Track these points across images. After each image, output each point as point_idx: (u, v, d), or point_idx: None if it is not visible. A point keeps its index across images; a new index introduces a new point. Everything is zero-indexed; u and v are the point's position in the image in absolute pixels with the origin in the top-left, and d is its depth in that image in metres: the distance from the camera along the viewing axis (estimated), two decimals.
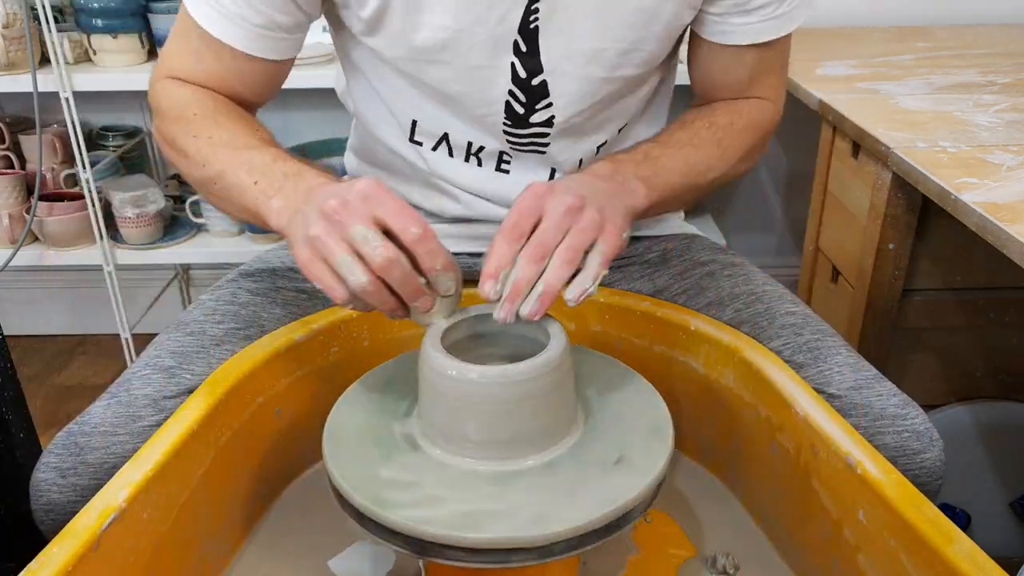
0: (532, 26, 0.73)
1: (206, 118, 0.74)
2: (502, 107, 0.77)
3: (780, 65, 0.85)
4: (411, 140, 0.83)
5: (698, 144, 0.78)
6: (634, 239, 0.91)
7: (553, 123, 0.79)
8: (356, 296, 0.58)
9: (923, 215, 1.10)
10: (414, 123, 0.82)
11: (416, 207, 0.88)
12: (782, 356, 0.73)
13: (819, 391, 0.71)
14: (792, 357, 0.74)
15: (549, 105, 0.77)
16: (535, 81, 0.76)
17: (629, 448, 0.60)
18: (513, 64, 0.75)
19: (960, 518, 1.28)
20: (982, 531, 1.30)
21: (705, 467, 0.79)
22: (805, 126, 1.63)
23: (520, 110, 0.78)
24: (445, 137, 0.82)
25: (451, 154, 0.83)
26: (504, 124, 0.79)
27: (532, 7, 0.72)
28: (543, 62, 0.75)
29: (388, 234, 0.56)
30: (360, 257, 0.56)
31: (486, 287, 0.58)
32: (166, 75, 0.80)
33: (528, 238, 0.59)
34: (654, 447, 0.60)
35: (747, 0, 0.76)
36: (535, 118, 0.78)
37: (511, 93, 0.76)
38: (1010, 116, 1.12)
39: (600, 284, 0.61)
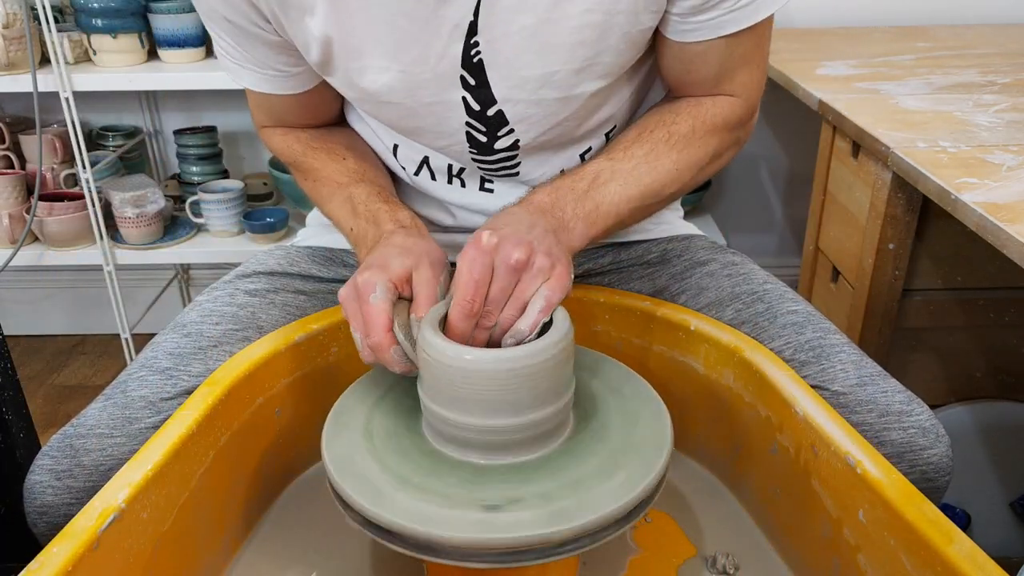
0: (476, 60, 0.71)
1: (301, 166, 0.85)
2: (463, 137, 0.77)
3: (753, 58, 0.77)
4: (396, 161, 0.85)
5: (655, 160, 0.74)
6: (634, 242, 0.91)
7: (519, 146, 0.78)
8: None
9: (923, 215, 1.10)
10: (395, 147, 0.84)
11: (416, 213, 0.89)
12: (784, 355, 0.73)
13: (823, 389, 0.71)
14: (794, 356, 0.74)
15: (511, 131, 0.76)
16: (491, 112, 0.75)
17: (629, 448, 0.60)
18: (464, 98, 0.74)
19: (960, 518, 1.28)
20: (982, 531, 1.30)
21: (705, 467, 0.79)
22: (805, 126, 1.64)
23: (483, 139, 0.77)
24: (425, 161, 0.83)
25: (433, 177, 0.84)
26: (470, 152, 0.79)
27: (471, 41, 0.70)
28: (494, 93, 0.73)
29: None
30: None
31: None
32: (258, 127, 0.89)
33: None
34: (653, 447, 0.60)
35: (705, 0, 0.70)
36: (499, 144, 0.78)
37: (469, 124, 0.76)
38: (1010, 116, 1.12)
39: (601, 283, 0.61)
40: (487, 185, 0.84)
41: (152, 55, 1.69)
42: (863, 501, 0.57)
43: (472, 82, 0.73)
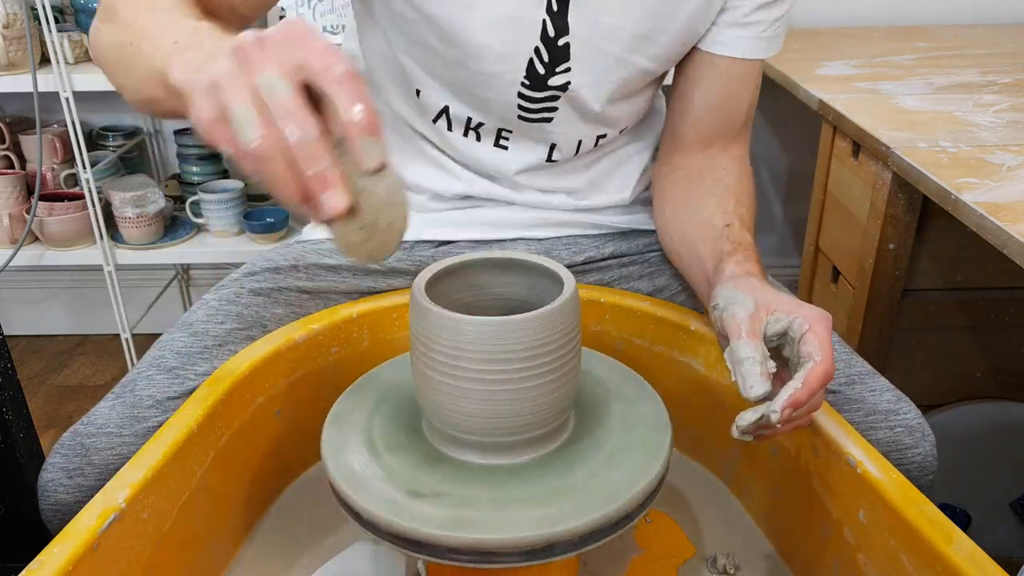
0: None
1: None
2: (524, 64, 0.77)
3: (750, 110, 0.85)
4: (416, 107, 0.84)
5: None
6: (636, 231, 0.91)
7: (568, 88, 0.79)
8: (253, 162, 0.44)
9: (923, 215, 1.10)
10: (417, 92, 0.82)
11: (417, 185, 0.88)
12: None
13: None
14: None
15: (567, 70, 0.77)
16: (561, 42, 0.76)
17: (628, 448, 0.60)
18: (544, 21, 0.75)
19: (960, 518, 1.28)
20: (982, 531, 1.30)
21: (705, 467, 0.79)
22: (805, 126, 1.64)
23: (541, 70, 0.77)
24: (445, 110, 0.82)
25: (450, 128, 0.83)
26: (522, 84, 0.78)
27: None
28: (569, 23, 0.75)
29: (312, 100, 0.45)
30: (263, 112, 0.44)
31: (781, 415, 0.55)
32: None
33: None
34: (654, 447, 0.60)
35: (745, 14, 0.78)
36: (553, 81, 0.78)
37: (536, 51, 0.76)
38: (1010, 116, 1.12)
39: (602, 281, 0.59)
40: (502, 142, 0.84)
41: None
42: (863, 501, 0.57)
43: (555, 7, 0.74)
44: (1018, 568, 0.67)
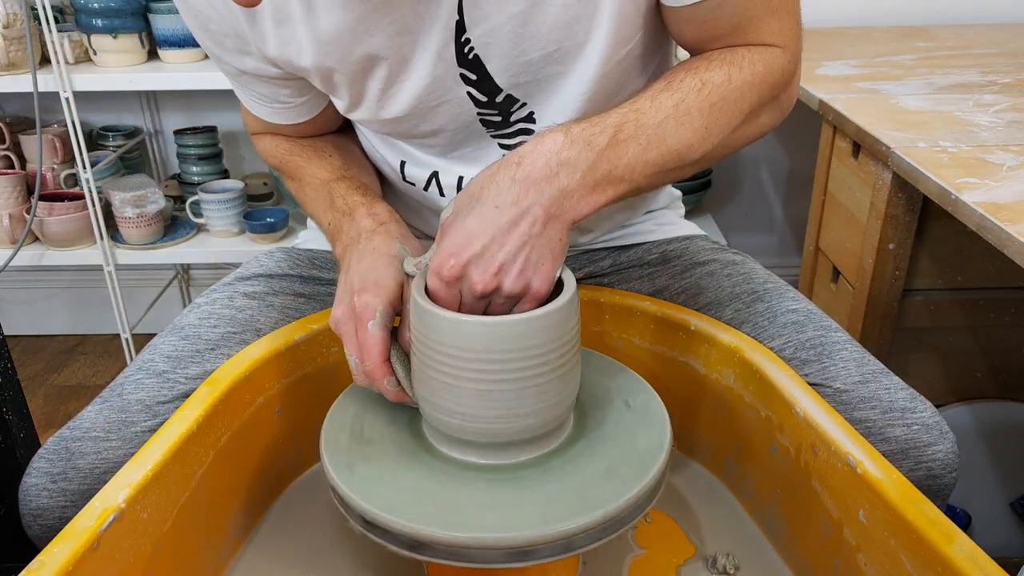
0: (471, 56, 0.70)
1: (286, 166, 0.86)
2: (479, 125, 0.76)
3: (780, 4, 0.71)
4: (403, 180, 0.83)
5: (684, 115, 0.64)
6: (634, 244, 0.91)
7: (535, 119, 0.76)
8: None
9: (923, 215, 1.10)
10: (403, 164, 0.82)
11: (415, 229, 0.88)
12: (785, 354, 0.73)
13: (825, 387, 0.71)
14: (795, 355, 0.73)
15: (524, 105, 0.75)
16: (499, 98, 0.73)
17: (628, 448, 0.60)
18: (469, 93, 0.72)
19: (960, 518, 1.28)
20: (982, 531, 1.30)
21: (705, 467, 0.79)
22: (805, 126, 1.63)
23: (497, 118, 0.76)
24: (435, 176, 0.81)
25: (442, 193, 0.82)
26: (488, 132, 0.77)
27: (462, 39, 0.68)
28: (497, 82, 0.72)
29: None
30: None
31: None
32: (250, 132, 0.92)
33: None
34: (653, 447, 0.60)
35: None
36: (515, 116, 0.76)
37: (480, 114, 0.75)
38: (1010, 116, 1.12)
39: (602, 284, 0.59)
40: None
41: (152, 55, 1.69)
42: (863, 501, 0.57)
43: (473, 77, 0.71)
44: (1018, 568, 0.67)
